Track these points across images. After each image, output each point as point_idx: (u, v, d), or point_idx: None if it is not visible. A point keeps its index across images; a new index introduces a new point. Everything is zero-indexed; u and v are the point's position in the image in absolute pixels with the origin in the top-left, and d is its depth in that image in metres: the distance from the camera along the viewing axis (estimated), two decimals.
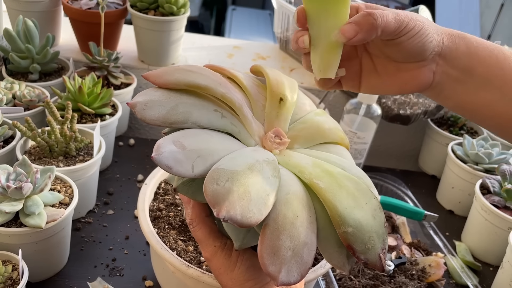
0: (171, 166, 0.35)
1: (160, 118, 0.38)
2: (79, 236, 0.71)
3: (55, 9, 0.96)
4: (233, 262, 0.40)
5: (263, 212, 0.35)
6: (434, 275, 0.70)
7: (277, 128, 0.44)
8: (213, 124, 0.40)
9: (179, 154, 0.36)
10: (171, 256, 0.53)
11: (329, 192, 0.38)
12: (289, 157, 0.42)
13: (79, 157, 0.73)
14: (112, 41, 0.98)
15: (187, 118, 0.39)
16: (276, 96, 0.46)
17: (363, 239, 0.37)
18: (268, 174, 0.37)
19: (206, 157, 0.37)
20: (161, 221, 0.61)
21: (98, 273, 0.65)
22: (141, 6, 0.94)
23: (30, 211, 0.57)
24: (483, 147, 0.88)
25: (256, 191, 0.36)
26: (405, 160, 1.10)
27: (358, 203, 0.39)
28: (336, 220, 0.37)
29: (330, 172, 0.40)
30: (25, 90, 0.81)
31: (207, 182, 0.35)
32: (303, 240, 0.37)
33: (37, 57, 0.87)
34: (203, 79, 0.41)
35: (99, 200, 0.78)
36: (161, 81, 0.40)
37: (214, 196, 0.35)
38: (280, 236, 0.36)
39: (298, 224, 0.37)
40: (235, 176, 0.36)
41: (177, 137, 0.37)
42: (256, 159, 0.38)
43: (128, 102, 0.39)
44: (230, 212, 0.34)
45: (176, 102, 0.39)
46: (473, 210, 0.81)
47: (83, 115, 0.81)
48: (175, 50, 1.00)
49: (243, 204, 0.35)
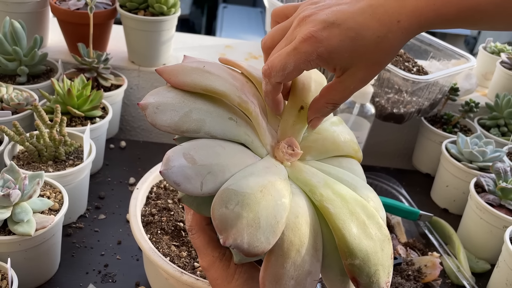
0: (180, 182, 0.33)
1: (172, 125, 0.36)
2: (70, 242, 0.69)
3: (43, 10, 0.94)
4: (230, 273, 0.39)
5: (271, 241, 0.34)
6: (430, 275, 0.70)
7: (290, 138, 0.42)
8: (226, 134, 0.37)
9: (189, 169, 0.34)
10: (164, 262, 0.52)
11: (340, 220, 0.36)
12: (300, 171, 0.40)
13: (69, 161, 0.71)
14: (102, 42, 0.97)
15: (200, 127, 0.36)
16: (298, 104, 0.43)
17: (369, 272, 0.36)
18: (280, 197, 0.35)
19: (217, 174, 0.35)
20: (153, 226, 0.60)
21: (90, 280, 0.64)
22: (130, 6, 0.92)
23: (19, 219, 0.56)
24: (477, 145, 0.87)
25: (265, 217, 0.34)
26: (399, 158, 1.10)
27: (367, 233, 0.37)
28: (344, 251, 0.36)
29: (341, 195, 0.38)
30: (13, 93, 0.79)
31: (215, 204, 0.34)
32: (307, 269, 0.35)
33: (24, 59, 0.85)
34: (221, 84, 0.38)
35: (90, 205, 0.77)
36: (177, 81, 0.38)
37: (222, 221, 0.33)
38: (284, 264, 0.34)
39: (304, 252, 0.35)
40: (245, 200, 0.34)
41: (188, 149, 0.35)
42: (269, 180, 0.36)
43: (139, 103, 0.36)
44: (237, 240, 0.33)
45: (190, 108, 0.37)
46: (468, 208, 0.81)
47: (72, 118, 0.80)
48: (166, 51, 0.98)
49: (251, 232, 0.33)
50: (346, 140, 0.46)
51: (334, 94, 0.40)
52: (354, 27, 0.36)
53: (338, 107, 0.41)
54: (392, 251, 0.38)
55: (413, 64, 0.95)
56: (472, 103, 0.97)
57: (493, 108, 1.00)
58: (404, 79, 0.84)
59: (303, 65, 0.37)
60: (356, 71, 0.38)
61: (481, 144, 0.87)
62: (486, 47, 1.16)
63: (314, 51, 0.36)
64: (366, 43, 0.36)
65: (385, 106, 0.91)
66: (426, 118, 1.00)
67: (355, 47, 0.36)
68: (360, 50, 0.37)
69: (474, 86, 1.04)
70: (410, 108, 0.91)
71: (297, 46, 0.37)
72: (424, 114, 0.97)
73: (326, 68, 0.39)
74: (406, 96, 0.89)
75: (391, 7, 0.36)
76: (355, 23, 0.36)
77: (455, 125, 1.00)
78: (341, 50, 0.36)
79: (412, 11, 0.36)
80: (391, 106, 0.90)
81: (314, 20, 0.37)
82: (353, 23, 0.36)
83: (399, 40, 0.37)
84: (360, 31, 0.36)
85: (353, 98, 0.85)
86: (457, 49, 0.97)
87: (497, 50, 1.14)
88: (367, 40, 0.36)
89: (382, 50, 0.37)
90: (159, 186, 0.67)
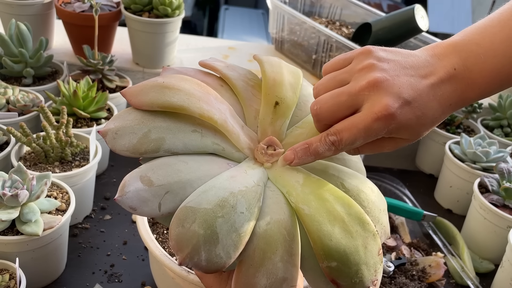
0: (136, 207, 0.33)
1: (130, 149, 0.35)
2: (76, 242, 0.70)
3: (48, 12, 0.95)
4: (224, 279, 0.39)
5: (232, 255, 0.33)
6: (435, 275, 0.70)
7: (270, 137, 0.41)
8: (189, 148, 0.36)
9: (145, 192, 0.33)
10: (171, 262, 0.53)
11: (314, 221, 0.35)
12: (280, 172, 0.39)
13: (75, 162, 0.72)
14: (106, 43, 0.97)
15: (159, 146, 0.36)
16: (271, 99, 0.42)
17: (349, 273, 0.35)
18: (243, 208, 0.34)
19: (176, 192, 0.34)
20: (159, 226, 0.60)
21: (97, 280, 0.64)
22: (135, 8, 0.93)
23: (27, 219, 0.56)
24: (481, 145, 0.88)
25: (225, 231, 0.33)
26: (402, 159, 1.10)
27: (347, 231, 0.35)
28: (320, 254, 0.35)
29: (319, 194, 0.37)
30: (19, 95, 0.80)
31: (172, 225, 0.33)
32: (281, 276, 0.34)
33: (30, 61, 0.85)
34: (179, 98, 0.37)
35: (96, 205, 0.77)
36: (136, 102, 0.37)
37: (177, 242, 0.32)
38: (256, 273, 0.34)
39: (276, 259, 0.34)
40: (203, 216, 0.33)
41: (146, 171, 0.34)
42: (231, 191, 0.35)
43: (99, 130, 0.36)
44: (193, 259, 0.32)
45: (149, 128, 0.36)
46: (471, 209, 0.81)
47: (78, 120, 0.80)
48: (170, 52, 0.99)
49: (209, 248, 0.32)
50: None
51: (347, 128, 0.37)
52: (421, 107, 0.37)
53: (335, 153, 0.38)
54: (380, 246, 0.37)
55: None
56: (475, 103, 0.97)
57: (496, 109, 1.00)
58: None
59: (370, 140, 0.37)
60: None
61: (485, 145, 0.88)
62: None
63: (385, 128, 0.36)
64: (426, 122, 0.38)
65: None
66: None
67: (417, 125, 0.37)
68: (419, 128, 0.38)
69: None
70: None
71: (370, 125, 0.36)
72: None
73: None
74: None
75: (447, 90, 0.38)
76: (422, 102, 0.37)
77: (458, 125, 1.00)
78: (407, 126, 0.37)
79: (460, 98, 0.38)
80: None
81: (388, 88, 0.36)
82: (421, 102, 0.37)
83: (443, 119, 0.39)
84: (425, 111, 0.37)
85: None
86: None
87: None
88: (428, 119, 0.37)
89: (430, 128, 0.39)
90: None
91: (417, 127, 0.37)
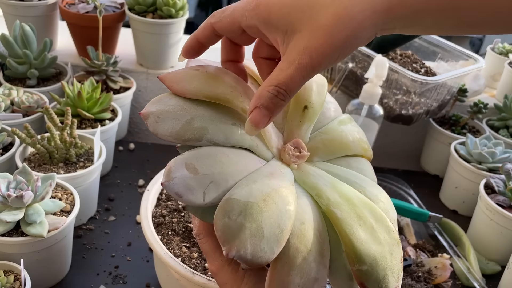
0: (182, 194, 0.33)
1: (174, 134, 0.35)
2: (80, 243, 0.70)
3: (52, 14, 0.95)
4: (240, 277, 0.39)
5: (275, 250, 0.33)
6: (441, 277, 0.69)
7: (297, 139, 0.41)
8: (230, 141, 0.37)
9: (191, 180, 0.33)
10: (175, 263, 0.53)
11: (347, 225, 0.36)
12: (307, 174, 0.40)
13: (80, 163, 0.72)
14: (110, 45, 0.97)
15: (202, 135, 0.36)
16: (301, 103, 0.42)
17: (377, 278, 0.35)
18: (284, 204, 0.35)
19: (219, 183, 0.34)
20: (164, 228, 0.60)
21: (101, 281, 0.64)
22: (139, 9, 0.93)
23: (31, 220, 0.56)
24: (486, 146, 0.87)
25: (269, 226, 0.33)
26: (407, 160, 1.10)
27: (376, 237, 0.36)
28: (351, 257, 0.35)
29: (349, 198, 0.37)
30: (23, 96, 0.80)
31: (218, 215, 0.33)
32: (313, 276, 0.35)
33: (34, 62, 0.86)
34: (223, 90, 0.37)
35: (100, 207, 0.77)
36: (178, 89, 0.37)
37: (224, 232, 0.33)
38: (290, 272, 0.34)
39: (310, 259, 0.35)
40: (248, 210, 0.33)
41: (190, 158, 0.34)
42: (272, 187, 0.35)
43: (141, 112, 0.36)
44: (240, 251, 0.32)
45: (192, 115, 0.36)
46: (477, 210, 0.80)
47: (82, 121, 0.80)
48: (174, 53, 0.99)
49: (254, 242, 0.33)
50: (355, 139, 0.45)
51: (276, 73, 0.33)
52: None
53: (287, 97, 0.33)
54: (402, 254, 0.38)
55: (421, 65, 0.95)
56: (481, 104, 0.97)
57: (501, 109, 1.00)
58: (412, 80, 0.84)
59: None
60: (299, 39, 0.32)
61: (491, 145, 0.87)
62: (494, 48, 1.16)
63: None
64: (312, 0, 0.32)
65: (394, 107, 0.91)
66: (435, 119, 1.00)
67: (297, 2, 0.32)
68: (304, 7, 0.32)
69: (482, 87, 1.04)
70: (419, 109, 0.91)
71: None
72: (433, 115, 0.97)
73: (269, 37, 0.35)
74: (414, 97, 0.89)
75: None
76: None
77: (463, 126, 0.99)
78: (281, 3, 0.33)
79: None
80: (400, 107, 0.90)
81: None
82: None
83: (357, 7, 0.31)
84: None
85: (361, 100, 0.85)
86: (465, 50, 0.97)
87: (505, 51, 1.13)
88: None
89: (331, 12, 0.31)
90: None
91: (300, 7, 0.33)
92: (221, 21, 0.36)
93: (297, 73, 0.32)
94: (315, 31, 0.32)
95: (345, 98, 1.00)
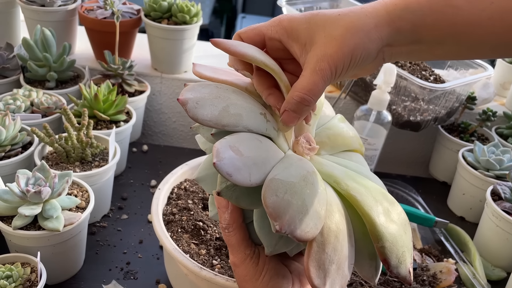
0: (231, 173, 0.34)
1: (213, 120, 0.37)
2: (94, 240, 0.72)
3: (72, 19, 0.98)
4: (259, 271, 0.41)
5: (319, 226, 0.35)
6: (445, 281, 0.70)
7: (307, 134, 0.43)
8: (260, 128, 0.39)
9: (238, 161, 0.35)
10: (184, 258, 0.55)
11: (368, 206, 0.38)
12: (320, 165, 0.42)
13: (95, 162, 0.74)
14: (127, 49, 1.01)
15: (239, 121, 0.38)
16: None
17: (397, 254, 0.38)
18: (319, 185, 0.37)
19: (260, 165, 0.36)
20: (174, 225, 0.62)
21: (113, 276, 0.67)
22: (155, 16, 0.96)
23: (48, 215, 0.59)
24: (494, 153, 0.88)
25: (311, 204, 0.35)
26: (415, 166, 1.10)
27: (391, 217, 0.39)
28: (375, 235, 0.38)
29: (364, 185, 0.40)
30: (43, 98, 0.83)
31: (266, 193, 0.35)
32: (345, 253, 0.37)
33: (54, 65, 0.89)
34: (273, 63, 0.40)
35: (114, 205, 0.80)
36: (237, 52, 0.39)
37: (275, 208, 0.34)
38: (325, 249, 0.36)
39: (341, 238, 0.37)
40: (292, 188, 0.35)
41: (233, 142, 0.36)
42: (307, 170, 0.38)
43: (179, 98, 0.37)
44: (291, 226, 0.34)
45: (227, 103, 0.38)
46: (484, 216, 0.81)
47: (98, 122, 0.83)
48: (188, 58, 1.01)
49: (301, 218, 0.34)
50: (353, 135, 0.48)
51: (301, 80, 0.38)
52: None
53: (312, 101, 0.38)
54: (411, 234, 0.40)
55: (430, 73, 0.96)
56: (490, 112, 0.97)
57: (510, 117, 1.00)
58: (421, 87, 0.85)
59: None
60: (316, 49, 0.37)
61: (498, 153, 0.88)
62: None
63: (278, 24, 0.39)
64: (325, 17, 0.38)
65: (402, 113, 0.92)
66: (443, 127, 1.01)
67: (313, 19, 0.38)
68: (319, 22, 0.38)
69: (491, 95, 1.04)
70: (427, 116, 0.92)
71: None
72: (441, 123, 0.97)
73: (290, 49, 0.40)
74: (423, 104, 0.90)
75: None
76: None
77: (472, 133, 1.00)
78: (300, 20, 0.38)
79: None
80: (408, 114, 0.91)
81: None
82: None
83: (362, 20, 0.37)
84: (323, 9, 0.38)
85: (369, 106, 0.87)
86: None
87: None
88: (327, 14, 0.38)
89: (341, 25, 0.37)
90: (180, 187, 0.69)
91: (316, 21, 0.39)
92: (246, 32, 0.42)
93: (318, 78, 0.37)
94: (330, 42, 0.37)
95: (354, 104, 1.02)
